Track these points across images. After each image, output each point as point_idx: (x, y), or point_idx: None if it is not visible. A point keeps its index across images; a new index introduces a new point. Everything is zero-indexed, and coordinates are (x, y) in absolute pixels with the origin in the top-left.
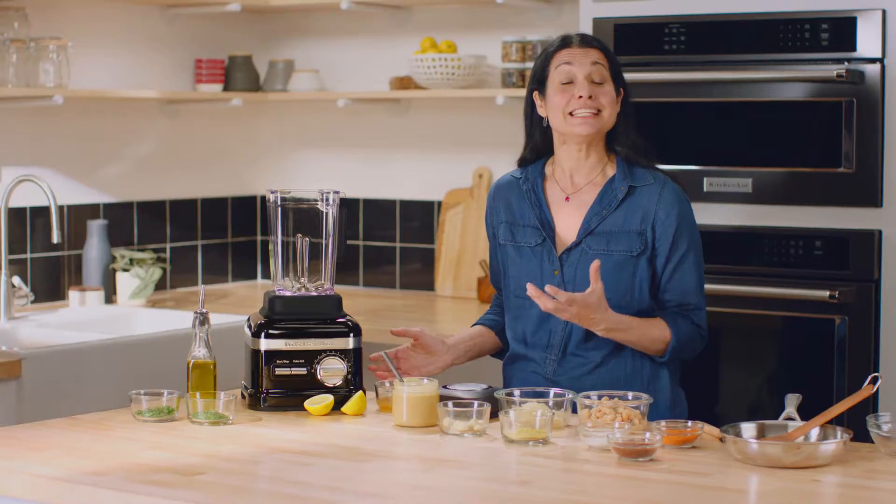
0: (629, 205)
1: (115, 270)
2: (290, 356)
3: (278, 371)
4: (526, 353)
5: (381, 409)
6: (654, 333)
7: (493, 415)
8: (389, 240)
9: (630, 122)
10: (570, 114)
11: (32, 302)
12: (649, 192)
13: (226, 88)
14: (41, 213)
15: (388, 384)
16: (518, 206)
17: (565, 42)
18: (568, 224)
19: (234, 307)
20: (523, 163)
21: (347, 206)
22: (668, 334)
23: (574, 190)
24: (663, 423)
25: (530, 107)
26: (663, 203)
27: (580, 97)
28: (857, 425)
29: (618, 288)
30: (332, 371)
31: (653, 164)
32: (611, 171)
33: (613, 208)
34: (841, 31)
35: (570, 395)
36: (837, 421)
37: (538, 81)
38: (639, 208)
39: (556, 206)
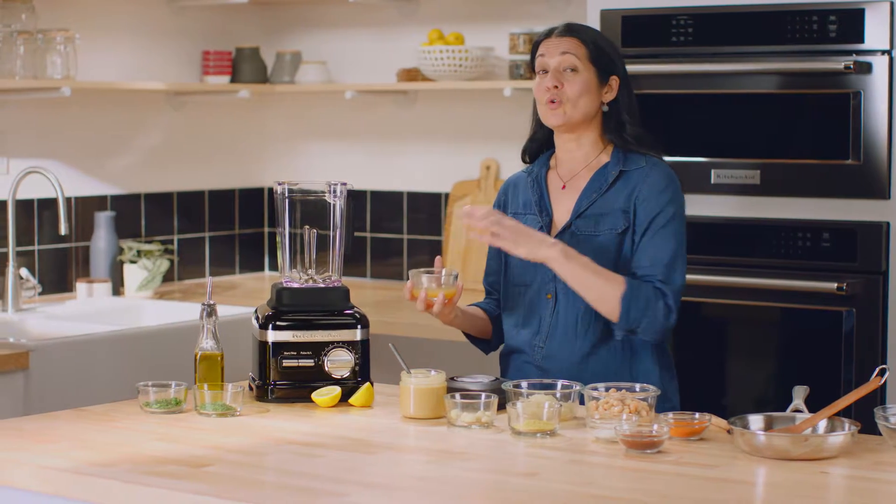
0: (619, 187)
1: (122, 262)
2: (297, 348)
3: (286, 363)
4: (518, 344)
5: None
6: (608, 277)
7: (501, 406)
8: (397, 231)
9: (621, 109)
10: (547, 102)
11: (40, 294)
12: (639, 174)
13: (233, 80)
14: (49, 204)
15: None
16: (524, 196)
17: (548, 32)
18: (563, 209)
19: (241, 299)
20: (524, 153)
21: (355, 198)
22: (622, 287)
23: (570, 177)
24: (671, 415)
25: None
26: (649, 181)
27: (548, 88)
28: (864, 417)
29: (604, 266)
30: (340, 363)
31: (652, 152)
32: (605, 158)
33: (603, 191)
34: (849, 22)
35: (578, 387)
36: (845, 413)
37: (532, 70)
38: (627, 189)
39: (554, 193)
